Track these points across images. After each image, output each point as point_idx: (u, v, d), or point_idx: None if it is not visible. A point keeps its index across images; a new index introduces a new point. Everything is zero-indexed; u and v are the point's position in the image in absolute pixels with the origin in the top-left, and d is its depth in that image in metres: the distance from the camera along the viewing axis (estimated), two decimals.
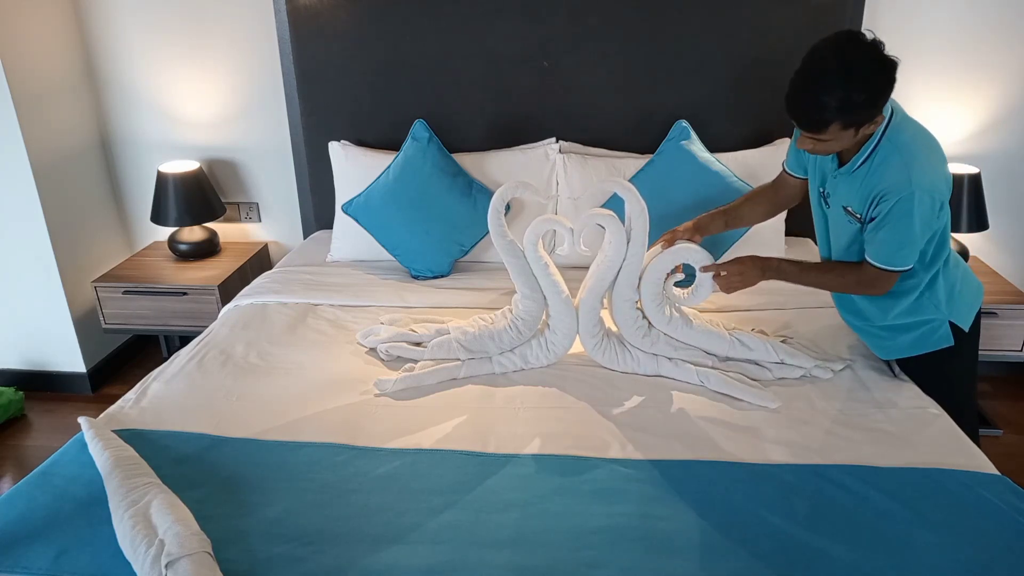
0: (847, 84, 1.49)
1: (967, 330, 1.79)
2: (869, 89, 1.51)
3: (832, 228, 1.82)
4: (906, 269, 1.69)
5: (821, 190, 1.82)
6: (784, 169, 1.95)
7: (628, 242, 1.83)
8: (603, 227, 1.85)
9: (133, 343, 3.24)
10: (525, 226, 1.94)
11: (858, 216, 1.70)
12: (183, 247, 2.91)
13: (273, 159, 2.99)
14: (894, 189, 1.59)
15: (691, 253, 1.85)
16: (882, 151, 1.63)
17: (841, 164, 1.73)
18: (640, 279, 1.86)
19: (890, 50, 1.55)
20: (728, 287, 1.82)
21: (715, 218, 1.97)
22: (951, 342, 1.79)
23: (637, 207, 1.81)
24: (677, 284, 1.92)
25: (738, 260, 1.82)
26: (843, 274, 1.79)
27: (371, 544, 1.34)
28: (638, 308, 1.89)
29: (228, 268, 2.85)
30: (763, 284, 1.84)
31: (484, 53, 2.64)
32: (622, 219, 1.85)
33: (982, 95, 2.66)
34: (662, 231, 1.99)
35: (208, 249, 2.95)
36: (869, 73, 1.50)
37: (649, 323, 1.89)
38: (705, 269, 1.84)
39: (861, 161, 1.66)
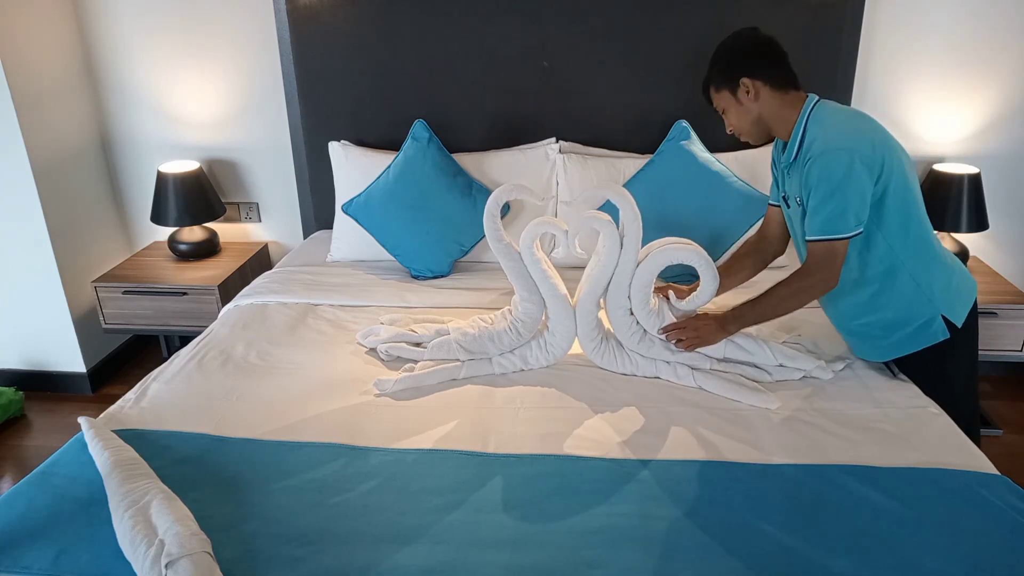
0: (716, 51, 1.82)
1: (959, 326, 1.79)
2: (725, 49, 1.80)
3: (797, 229, 1.84)
4: (845, 236, 1.68)
5: (783, 195, 1.86)
6: (770, 205, 2.01)
7: (620, 248, 1.82)
8: (598, 230, 1.85)
9: (133, 343, 3.24)
10: (524, 228, 1.94)
11: (802, 203, 1.75)
12: (183, 247, 2.91)
13: (273, 159, 2.99)
14: (812, 154, 1.68)
15: (684, 253, 1.84)
16: (809, 132, 1.72)
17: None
18: (630, 286, 1.85)
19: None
20: (688, 346, 1.87)
21: None
22: (946, 336, 1.78)
23: (631, 214, 1.81)
24: (677, 280, 1.92)
25: (697, 319, 1.87)
26: (789, 282, 1.79)
27: (371, 544, 1.34)
28: (631, 314, 1.88)
29: (228, 268, 2.85)
30: (763, 286, 1.85)
31: (484, 53, 2.64)
32: (618, 223, 1.85)
33: (982, 95, 2.66)
34: (661, 232, 1.99)
35: (208, 249, 2.95)
36: (732, 41, 1.81)
37: (643, 328, 1.89)
38: (664, 330, 1.88)
39: (796, 148, 1.74)
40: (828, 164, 1.65)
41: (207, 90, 2.91)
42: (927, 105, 2.68)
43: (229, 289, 2.74)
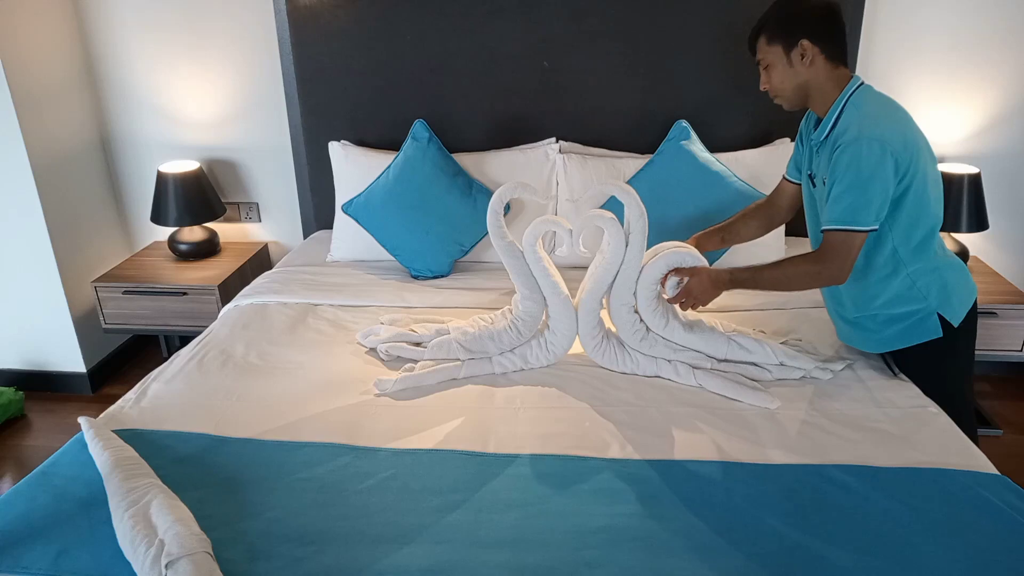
0: (776, 3, 1.76)
1: (956, 326, 1.79)
2: (789, 6, 1.72)
3: (820, 209, 1.82)
4: (860, 230, 1.67)
5: (809, 173, 1.85)
6: (784, 178, 2.01)
7: (626, 246, 1.82)
8: (602, 228, 1.85)
9: (133, 343, 3.24)
10: (525, 227, 1.94)
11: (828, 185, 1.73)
12: (183, 247, 2.91)
13: (273, 159, 2.99)
14: (844, 140, 1.65)
15: (686, 257, 1.85)
16: (845, 115, 1.70)
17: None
18: (636, 283, 1.86)
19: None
20: (683, 305, 1.86)
21: (711, 236, 2.04)
22: (939, 333, 1.78)
23: (636, 211, 1.81)
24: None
25: (691, 279, 1.84)
26: (798, 263, 1.78)
27: (371, 544, 1.34)
28: (635, 312, 1.89)
29: (228, 268, 2.85)
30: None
31: (484, 53, 2.64)
32: (622, 221, 1.85)
33: (982, 95, 2.66)
34: (661, 233, 1.99)
35: (208, 249, 2.95)
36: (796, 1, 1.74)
37: (647, 327, 1.89)
38: (677, 272, 1.85)
39: (830, 126, 1.72)
40: (859, 153, 1.62)
41: (207, 90, 2.91)
42: (927, 105, 2.68)
43: (229, 289, 2.74)
